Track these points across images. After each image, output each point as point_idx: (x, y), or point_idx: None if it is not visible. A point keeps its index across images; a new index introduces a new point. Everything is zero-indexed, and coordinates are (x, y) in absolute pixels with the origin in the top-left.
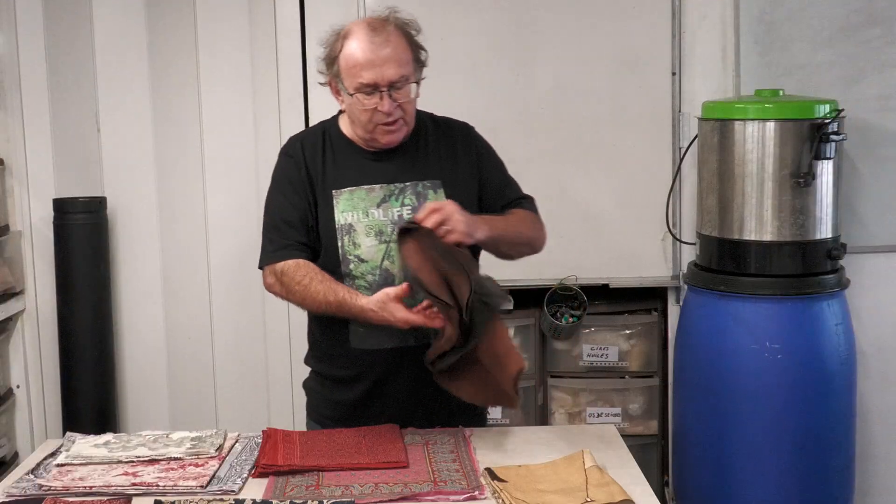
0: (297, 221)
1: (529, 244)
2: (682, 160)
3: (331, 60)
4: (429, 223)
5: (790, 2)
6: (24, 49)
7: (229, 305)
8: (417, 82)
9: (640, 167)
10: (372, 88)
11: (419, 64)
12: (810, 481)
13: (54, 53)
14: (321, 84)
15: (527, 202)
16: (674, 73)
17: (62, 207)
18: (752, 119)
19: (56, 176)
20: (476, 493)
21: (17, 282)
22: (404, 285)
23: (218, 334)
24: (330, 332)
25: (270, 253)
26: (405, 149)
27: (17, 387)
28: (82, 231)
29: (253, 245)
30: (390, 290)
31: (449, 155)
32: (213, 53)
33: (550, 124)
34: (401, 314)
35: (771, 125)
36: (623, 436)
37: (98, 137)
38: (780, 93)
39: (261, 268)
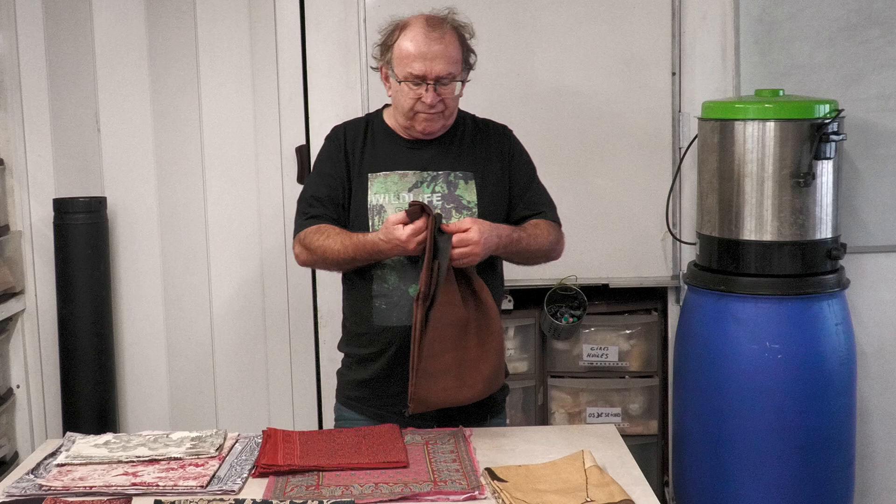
0: (325, 198)
1: (545, 256)
2: (682, 160)
3: (386, 48)
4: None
5: (790, 2)
6: (24, 49)
7: (229, 305)
8: (463, 82)
9: (640, 167)
10: (419, 80)
11: (467, 65)
12: (810, 481)
13: (54, 53)
14: (373, 69)
15: (550, 212)
16: (674, 73)
17: (62, 207)
18: (752, 119)
19: (56, 176)
20: (476, 493)
21: (17, 282)
22: (403, 213)
23: (218, 334)
24: (357, 309)
25: (298, 225)
26: (442, 141)
27: (17, 387)
28: (82, 231)
29: (253, 245)
30: (392, 217)
31: (483, 150)
32: (213, 54)
33: (550, 124)
34: (404, 231)
35: (771, 125)
36: (623, 436)
37: (98, 137)
38: (780, 93)
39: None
